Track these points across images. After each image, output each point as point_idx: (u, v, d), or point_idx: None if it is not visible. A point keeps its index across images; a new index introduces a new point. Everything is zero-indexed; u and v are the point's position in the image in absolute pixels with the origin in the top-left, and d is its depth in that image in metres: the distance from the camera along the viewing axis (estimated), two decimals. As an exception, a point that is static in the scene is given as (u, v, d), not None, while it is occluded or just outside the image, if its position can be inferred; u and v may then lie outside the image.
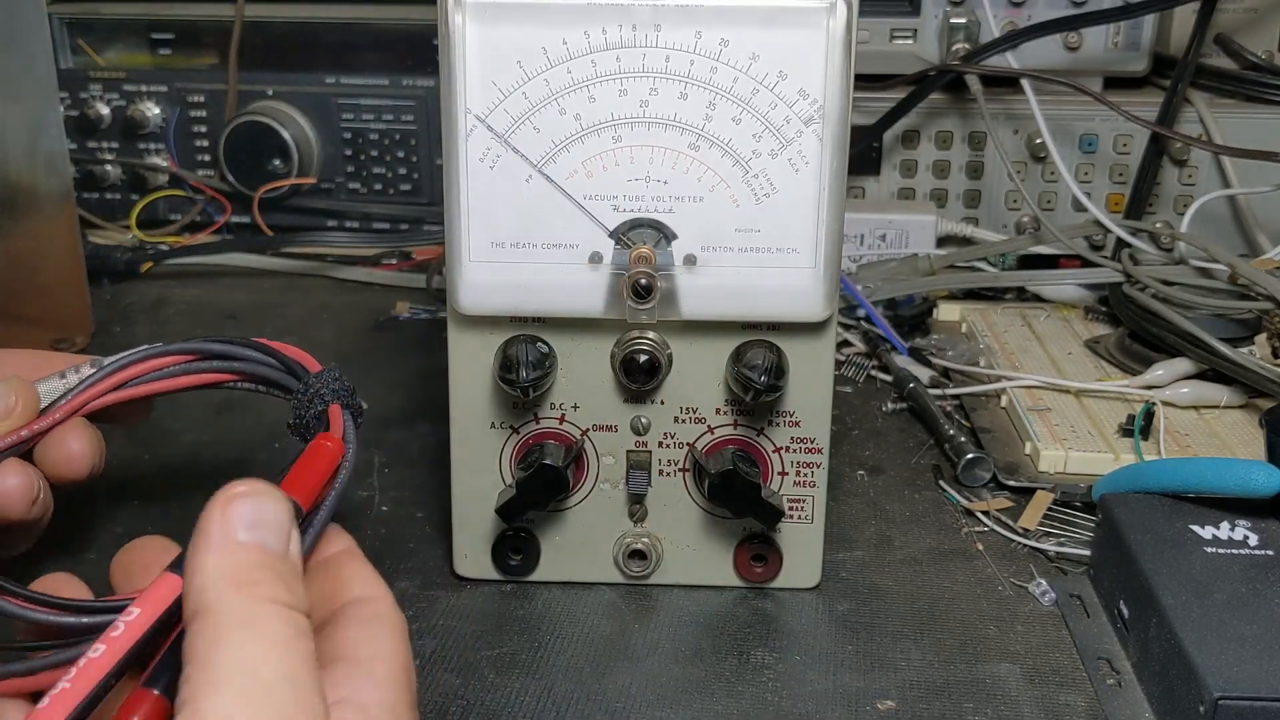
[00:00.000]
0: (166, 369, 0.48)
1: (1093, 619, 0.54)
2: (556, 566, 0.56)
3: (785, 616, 0.55)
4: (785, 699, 0.49)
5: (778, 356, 0.52)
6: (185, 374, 0.48)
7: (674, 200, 0.50)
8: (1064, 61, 0.95)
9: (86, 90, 1.05)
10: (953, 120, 0.97)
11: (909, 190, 0.99)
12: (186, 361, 0.48)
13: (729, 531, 0.56)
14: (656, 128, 0.49)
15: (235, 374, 0.48)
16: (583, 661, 0.51)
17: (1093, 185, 0.96)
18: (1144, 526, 0.53)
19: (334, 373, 0.46)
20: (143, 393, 0.48)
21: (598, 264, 0.50)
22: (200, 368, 0.48)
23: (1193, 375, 0.72)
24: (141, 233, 1.05)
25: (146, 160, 1.06)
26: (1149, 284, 0.78)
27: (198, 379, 0.48)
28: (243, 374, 0.48)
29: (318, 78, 1.03)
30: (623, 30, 0.48)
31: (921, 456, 0.69)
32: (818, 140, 0.49)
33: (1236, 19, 0.99)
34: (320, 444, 0.42)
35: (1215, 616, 0.47)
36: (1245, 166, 0.91)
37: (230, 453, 0.69)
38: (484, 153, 0.49)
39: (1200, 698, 0.44)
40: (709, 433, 0.54)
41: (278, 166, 1.03)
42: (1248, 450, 0.66)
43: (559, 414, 0.54)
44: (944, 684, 0.50)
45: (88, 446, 0.48)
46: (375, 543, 0.60)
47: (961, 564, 0.59)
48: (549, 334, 0.53)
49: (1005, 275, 0.92)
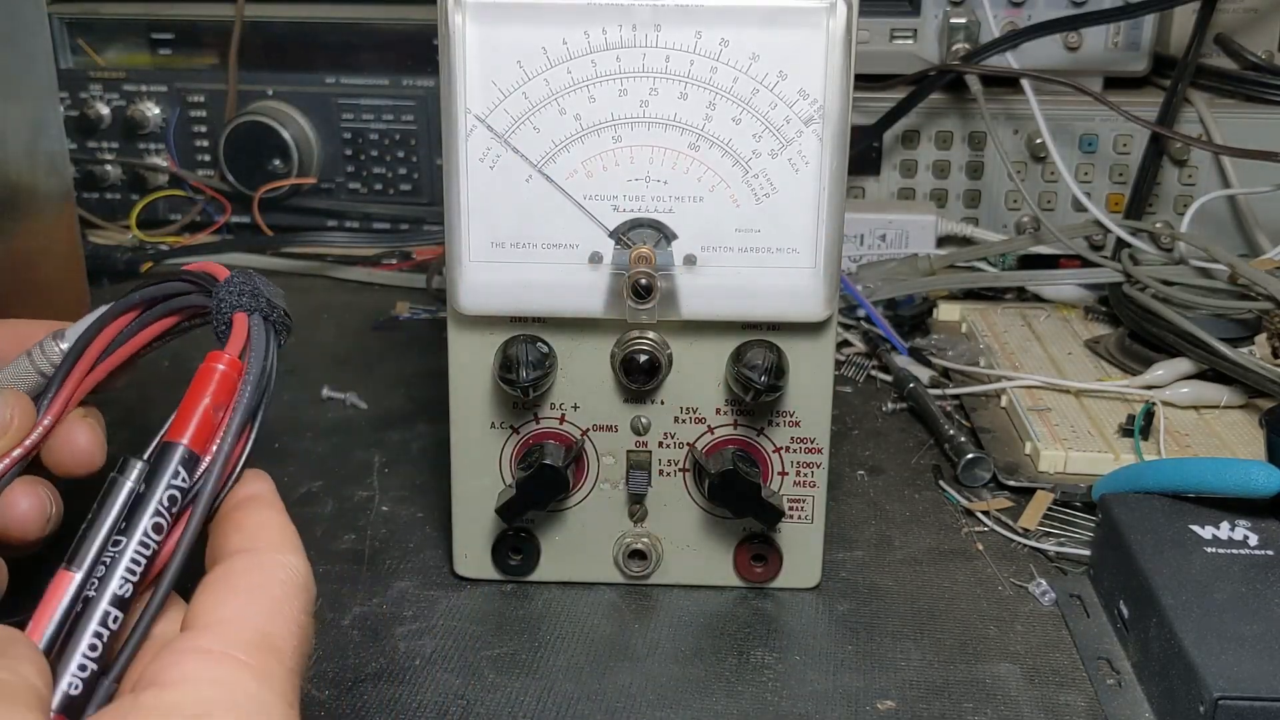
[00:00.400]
0: (124, 331, 0.45)
1: (1093, 619, 0.54)
2: (556, 566, 0.56)
3: (785, 616, 0.55)
4: (785, 699, 0.49)
5: (778, 356, 0.52)
6: (143, 327, 0.44)
7: (674, 200, 0.50)
8: (1064, 61, 0.95)
9: (86, 90, 1.05)
10: (953, 120, 0.97)
11: (909, 190, 0.99)
12: (137, 315, 0.45)
13: (729, 531, 0.56)
14: (656, 128, 0.49)
15: (175, 313, 0.44)
16: (583, 661, 0.51)
17: (1093, 185, 0.96)
18: (1144, 526, 0.53)
19: (239, 277, 0.41)
20: (114, 363, 0.45)
21: (598, 264, 0.50)
22: (148, 318, 0.44)
23: (1193, 375, 0.72)
24: (141, 233, 1.05)
25: (146, 160, 1.06)
26: (1149, 284, 0.78)
27: (153, 330, 0.44)
28: (179, 310, 0.44)
29: (318, 78, 1.03)
30: (623, 30, 0.48)
31: (921, 456, 0.69)
32: (818, 140, 0.49)
33: (1236, 19, 0.99)
34: (209, 367, 0.38)
35: (1215, 616, 0.47)
36: (1245, 166, 0.91)
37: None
38: (484, 153, 0.49)
39: (1200, 698, 0.44)
40: (709, 433, 0.54)
41: (278, 166, 1.03)
42: (1248, 450, 0.66)
43: (559, 414, 0.54)
44: (944, 684, 0.50)
45: (93, 437, 0.46)
46: (375, 543, 0.60)
47: (961, 564, 0.59)
48: (549, 334, 0.53)
49: (1005, 275, 0.92)
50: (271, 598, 0.34)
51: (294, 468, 0.67)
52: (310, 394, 0.76)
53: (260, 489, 0.38)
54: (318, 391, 0.76)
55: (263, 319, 0.40)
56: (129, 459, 0.37)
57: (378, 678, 0.50)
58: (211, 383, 0.38)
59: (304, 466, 0.67)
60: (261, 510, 0.37)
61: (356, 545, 0.60)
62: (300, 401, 0.75)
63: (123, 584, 0.35)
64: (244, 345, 0.39)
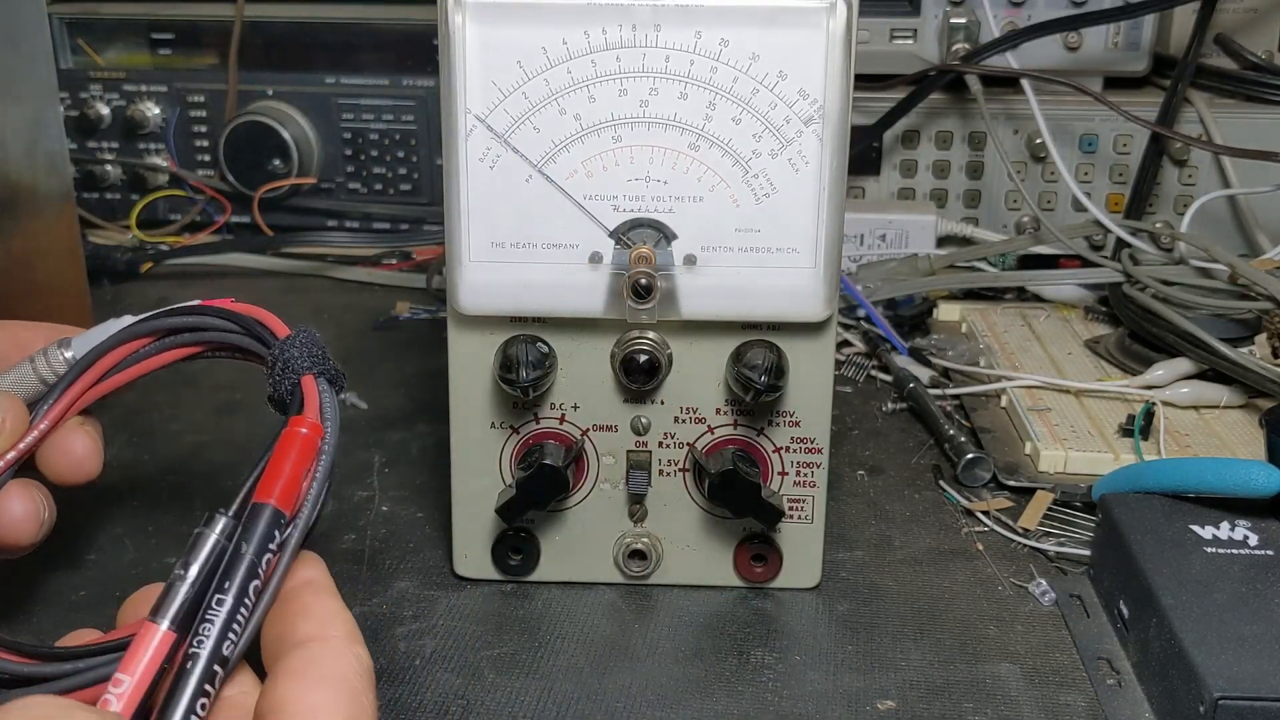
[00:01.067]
0: (139, 351, 0.46)
1: (1093, 619, 0.54)
2: (556, 566, 0.56)
3: (785, 616, 0.55)
4: (785, 699, 0.49)
5: (778, 356, 0.52)
6: (158, 353, 0.46)
7: (674, 200, 0.50)
8: (1064, 61, 0.95)
9: (86, 90, 1.05)
10: (953, 120, 0.97)
11: (909, 190, 0.99)
12: (156, 340, 0.46)
13: (729, 531, 0.56)
14: (656, 128, 0.49)
15: (204, 344, 0.45)
16: (583, 661, 0.51)
17: (1093, 185, 0.96)
18: (1144, 526, 0.53)
19: (303, 336, 0.42)
20: (121, 381, 0.46)
21: (598, 264, 0.50)
22: (170, 343, 0.46)
23: (1193, 375, 0.72)
24: (141, 233, 1.05)
25: (146, 160, 1.06)
26: (1149, 284, 0.78)
27: (172, 355, 0.46)
28: (210, 343, 0.45)
29: (318, 78, 1.03)
30: (623, 30, 0.48)
31: (921, 456, 0.69)
32: (818, 140, 0.49)
33: (1236, 19, 0.99)
34: (294, 431, 0.39)
35: (1215, 616, 0.47)
36: (1245, 166, 0.91)
37: (230, 454, 0.69)
38: (484, 153, 0.49)
39: (1200, 698, 0.44)
40: (709, 433, 0.54)
41: (278, 166, 1.03)
42: (1248, 450, 0.66)
43: (559, 414, 0.54)
44: (944, 684, 0.50)
45: (90, 445, 0.46)
46: (375, 543, 0.60)
47: (961, 564, 0.59)
48: (549, 334, 0.53)
49: (1005, 275, 0.92)
50: (352, 689, 0.35)
51: (294, 468, 0.67)
52: (310, 394, 0.76)
53: (316, 574, 0.38)
54: (318, 391, 0.76)
55: (328, 382, 0.41)
56: (215, 513, 0.37)
57: (378, 678, 0.50)
58: (297, 446, 0.39)
59: (304, 466, 0.67)
60: (326, 597, 0.38)
61: (356, 545, 0.60)
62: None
63: (228, 644, 0.35)
64: (319, 409, 0.40)
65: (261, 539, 0.37)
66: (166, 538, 0.60)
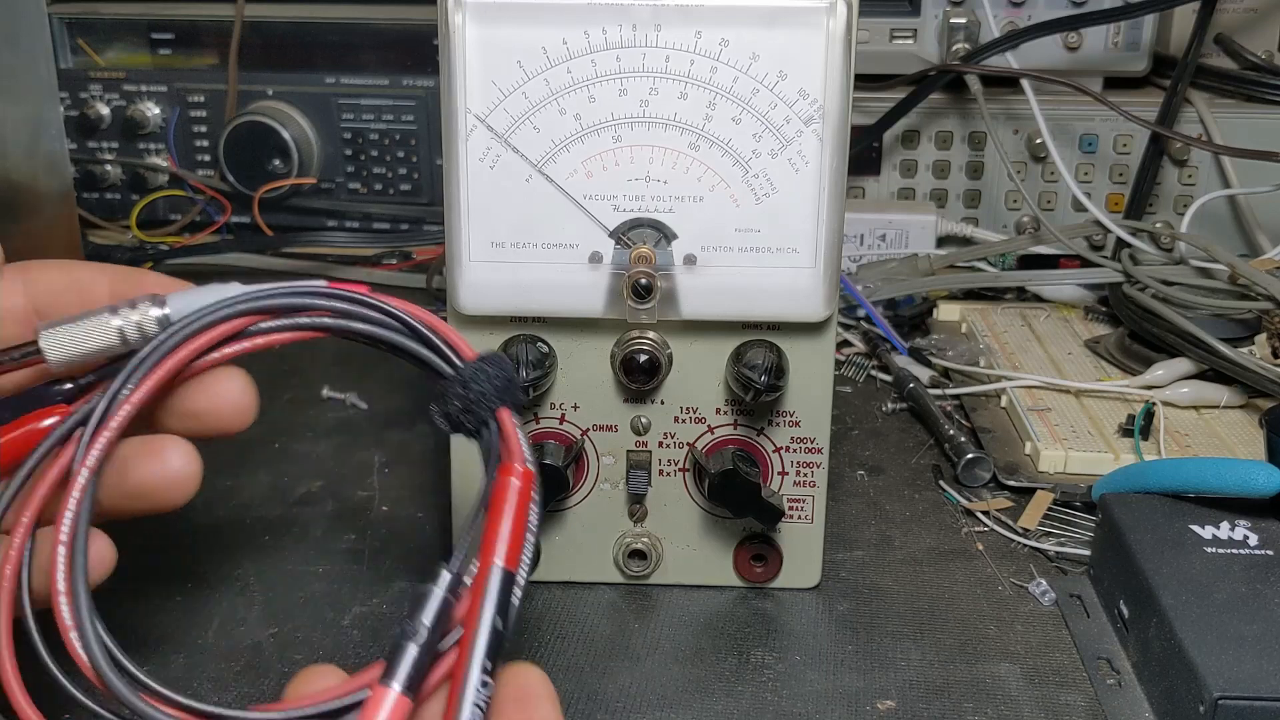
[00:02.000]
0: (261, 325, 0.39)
1: (1093, 619, 0.54)
2: (556, 566, 0.56)
3: (785, 616, 0.55)
4: (785, 699, 0.49)
5: (778, 356, 0.52)
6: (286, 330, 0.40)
7: (674, 200, 0.50)
8: (1064, 61, 0.95)
9: (86, 90, 1.05)
10: (953, 120, 0.97)
11: (909, 190, 0.99)
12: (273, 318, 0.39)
13: (729, 531, 0.56)
14: (656, 127, 0.49)
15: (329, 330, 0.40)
16: (583, 661, 0.51)
17: (1093, 185, 0.96)
18: (1144, 526, 0.53)
19: (495, 368, 0.38)
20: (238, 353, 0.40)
21: (598, 264, 0.50)
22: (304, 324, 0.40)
23: (1193, 375, 0.72)
24: (141, 233, 1.05)
25: (146, 160, 1.06)
26: (1149, 284, 0.78)
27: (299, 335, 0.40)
28: (373, 338, 0.41)
29: (318, 78, 1.03)
30: (623, 30, 0.48)
31: (921, 456, 0.69)
32: (818, 140, 0.49)
33: (1236, 19, 0.99)
34: (507, 481, 0.36)
35: (1215, 616, 0.47)
36: (1245, 166, 0.91)
37: (231, 456, 0.69)
38: (484, 153, 0.49)
39: (1200, 698, 0.44)
40: (709, 432, 0.54)
41: (278, 166, 1.03)
42: (1248, 450, 0.66)
43: (559, 414, 0.54)
44: (944, 684, 0.50)
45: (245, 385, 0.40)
46: (375, 543, 0.60)
47: (961, 564, 0.59)
48: (549, 334, 0.53)
49: (1005, 275, 0.92)
50: None
51: (294, 468, 0.67)
52: (310, 394, 0.76)
53: (536, 682, 0.36)
54: (318, 392, 0.76)
55: (516, 412, 0.38)
56: (440, 569, 0.35)
57: (378, 678, 0.50)
58: (515, 498, 0.36)
59: (304, 466, 0.67)
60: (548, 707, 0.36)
61: (356, 545, 0.60)
62: (300, 401, 0.75)
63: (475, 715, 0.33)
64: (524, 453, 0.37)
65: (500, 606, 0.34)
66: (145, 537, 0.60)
